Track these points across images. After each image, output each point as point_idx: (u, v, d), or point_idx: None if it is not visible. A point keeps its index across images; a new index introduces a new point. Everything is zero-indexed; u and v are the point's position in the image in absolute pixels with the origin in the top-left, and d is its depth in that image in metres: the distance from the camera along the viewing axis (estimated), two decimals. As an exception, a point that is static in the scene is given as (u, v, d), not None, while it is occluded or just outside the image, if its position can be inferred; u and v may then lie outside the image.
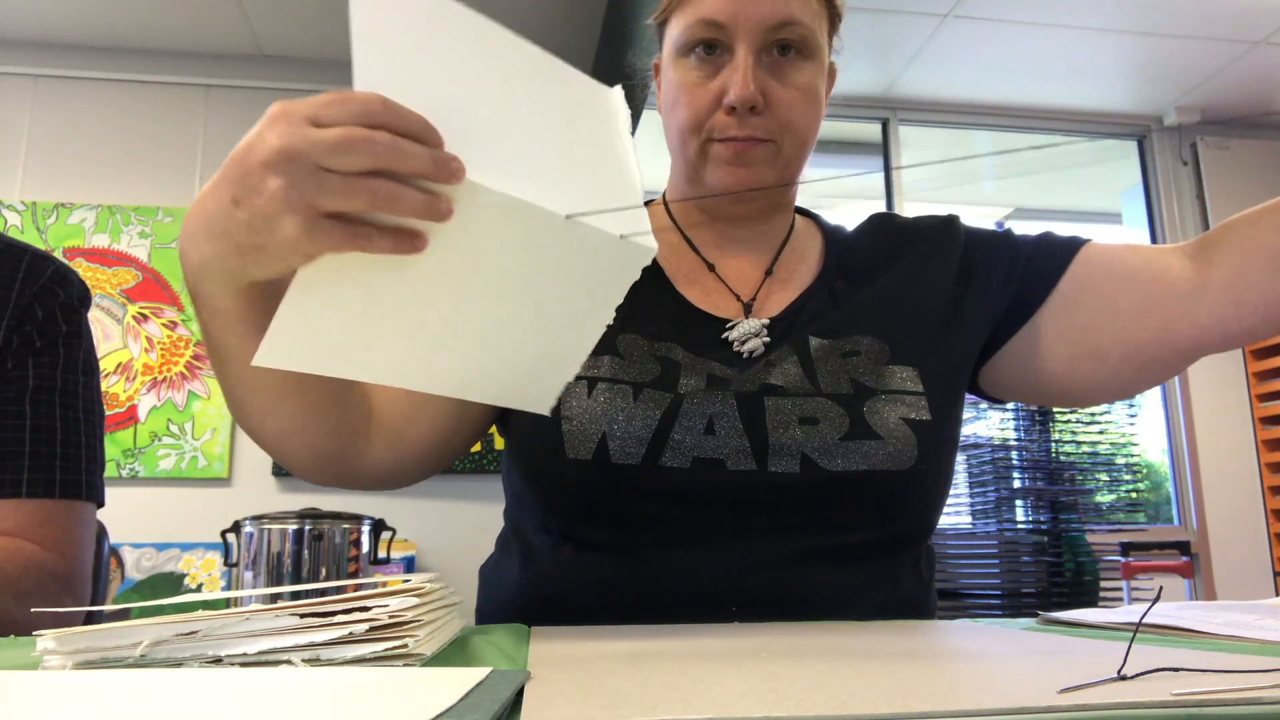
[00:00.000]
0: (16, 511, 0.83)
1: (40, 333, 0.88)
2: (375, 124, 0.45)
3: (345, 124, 0.45)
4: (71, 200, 2.98)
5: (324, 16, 2.96)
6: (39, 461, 0.84)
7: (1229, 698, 0.33)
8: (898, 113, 3.50)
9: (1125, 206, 3.76)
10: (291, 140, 0.45)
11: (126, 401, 2.85)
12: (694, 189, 0.85)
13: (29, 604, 0.79)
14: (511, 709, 0.34)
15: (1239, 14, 2.90)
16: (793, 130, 0.79)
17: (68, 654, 0.45)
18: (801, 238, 0.91)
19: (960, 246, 0.88)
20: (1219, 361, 3.45)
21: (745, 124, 0.77)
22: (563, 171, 0.54)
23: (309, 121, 0.46)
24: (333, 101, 0.46)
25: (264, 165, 0.46)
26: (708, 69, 0.79)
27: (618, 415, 0.74)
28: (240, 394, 0.65)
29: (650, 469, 0.72)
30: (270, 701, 0.35)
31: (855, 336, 0.81)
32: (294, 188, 0.46)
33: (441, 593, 0.54)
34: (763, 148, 0.78)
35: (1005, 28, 3.00)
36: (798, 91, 0.79)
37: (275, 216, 0.46)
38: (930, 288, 0.85)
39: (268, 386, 0.65)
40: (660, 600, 0.72)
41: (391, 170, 0.45)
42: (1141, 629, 0.59)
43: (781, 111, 0.78)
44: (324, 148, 0.45)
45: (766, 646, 0.51)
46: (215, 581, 2.76)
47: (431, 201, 0.46)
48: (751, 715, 0.31)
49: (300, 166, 0.45)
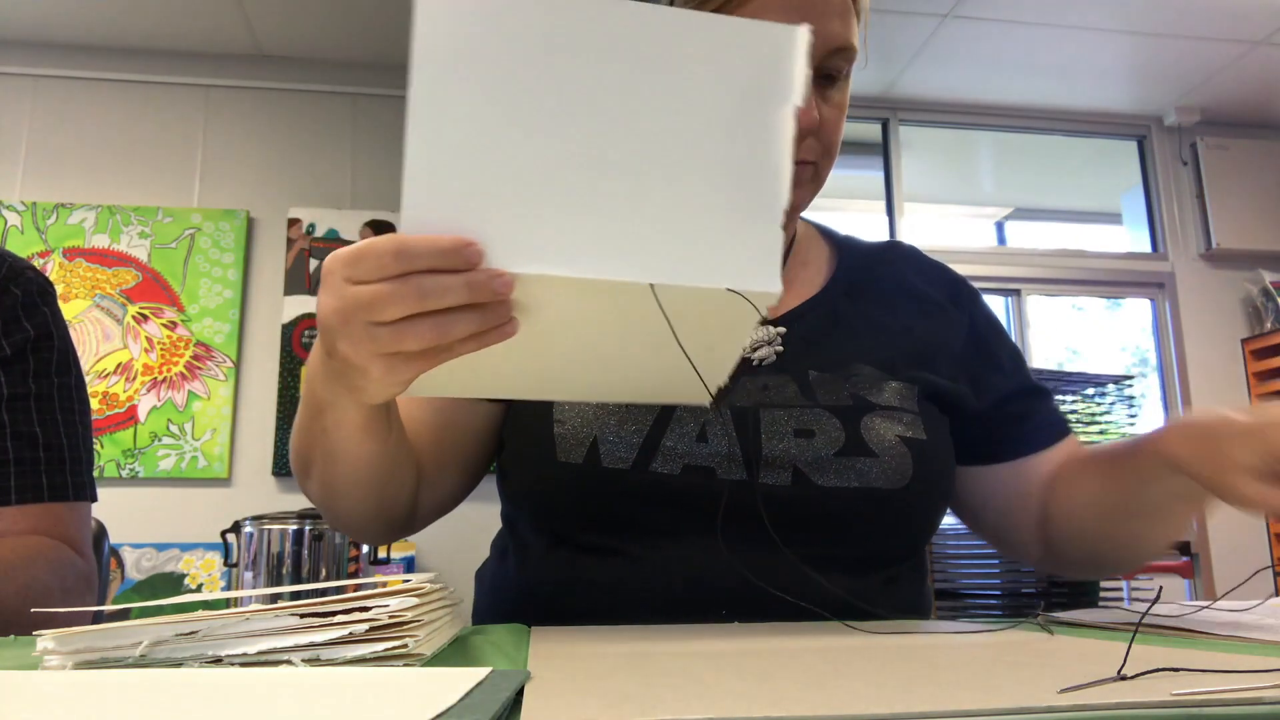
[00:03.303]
0: (25, 516, 0.83)
1: (6, 337, 0.86)
2: (399, 273, 0.47)
3: (372, 280, 0.47)
4: (71, 200, 2.98)
5: (324, 16, 2.96)
6: (24, 468, 0.84)
7: (1229, 698, 0.33)
8: (898, 113, 3.50)
9: (1125, 206, 3.76)
10: (337, 304, 0.49)
11: (126, 401, 2.85)
12: None
13: (70, 601, 0.80)
14: (511, 709, 0.34)
15: (1239, 14, 2.90)
16: (831, 152, 0.79)
17: (68, 654, 0.45)
18: (805, 244, 0.90)
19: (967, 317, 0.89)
20: (1219, 361, 3.46)
21: (799, 148, 0.77)
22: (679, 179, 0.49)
23: (347, 281, 0.48)
24: (357, 258, 0.48)
25: (326, 328, 0.51)
26: None
27: (610, 420, 0.74)
28: (336, 484, 0.70)
29: (640, 474, 0.72)
30: (270, 701, 0.35)
31: (856, 365, 0.80)
32: (356, 344, 0.49)
33: (441, 593, 0.54)
34: (805, 170, 0.77)
35: (1005, 28, 3.00)
36: (838, 112, 0.78)
37: (358, 367, 0.51)
38: (940, 332, 0.86)
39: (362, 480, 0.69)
40: (652, 602, 0.72)
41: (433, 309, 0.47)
42: (1141, 629, 0.59)
43: (827, 134, 0.77)
44: (362, 308, 0.48)
45: (766, 647, 0.51)
46: (215, 582, 2.76)
47: (486, 321, 0.48)
48: (751, 715, 0.31)
49: (352, 325, 0.49)
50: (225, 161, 3.11)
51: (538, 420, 0.76)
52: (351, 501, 0.72)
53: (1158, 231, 3.61)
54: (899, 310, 0.86)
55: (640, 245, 0.48)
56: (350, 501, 0.72)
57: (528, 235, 0.47)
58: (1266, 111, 3.53)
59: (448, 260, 0.46)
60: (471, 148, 0.46)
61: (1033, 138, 3.64)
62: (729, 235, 0.49)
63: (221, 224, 3.02)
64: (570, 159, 0.47)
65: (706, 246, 0.48)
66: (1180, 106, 3.49)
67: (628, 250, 0.47)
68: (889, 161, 3.50)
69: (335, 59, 3.20)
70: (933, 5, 2.86)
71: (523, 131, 0.47)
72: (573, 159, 0.47)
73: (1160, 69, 3.26)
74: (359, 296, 0.48)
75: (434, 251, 0.46)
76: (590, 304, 0.49)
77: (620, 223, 0.48)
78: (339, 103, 3.20)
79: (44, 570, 0.80)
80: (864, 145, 3.56)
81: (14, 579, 0.76)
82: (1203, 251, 3.54)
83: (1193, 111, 3.50)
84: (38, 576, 0.79)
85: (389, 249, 0.46)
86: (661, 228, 0.48)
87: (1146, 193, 3.66)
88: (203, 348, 2.93)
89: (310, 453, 0.68)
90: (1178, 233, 3.57)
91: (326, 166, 3.15)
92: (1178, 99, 3.46)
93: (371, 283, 0.47)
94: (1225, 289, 3.54)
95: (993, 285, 3.50)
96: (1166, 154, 3.61)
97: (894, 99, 3.46)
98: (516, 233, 0.47)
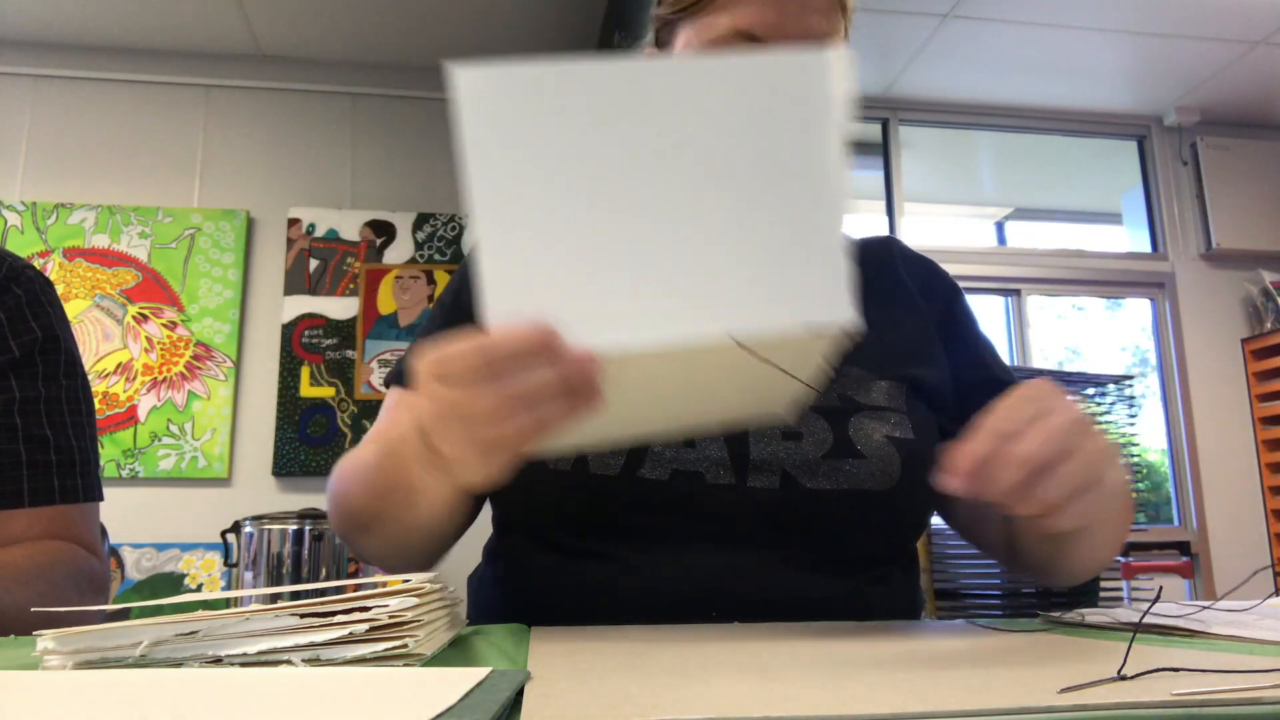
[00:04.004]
0: (40, 518, 0.83)
1: (14, 338, 0.86)
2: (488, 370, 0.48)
3: (464, 380, 0.49)
4: (71, 200, 2.98)
5: (324, 16, 2.96)
6: (36, 471, 0.84)
7: (1229, 698, 0.33)
8: (898, 113, 3.50)
9: (1125, 206, 3.76)
10: (433, 407, 0.51)
11: (126, 401, 2.85)
12: None
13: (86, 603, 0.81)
14: (511, 709, 0.34)
15: (1239, 14, 2.90)
16: None
17: (68, 654, 0.45)
18: None
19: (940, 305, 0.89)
20: (1219, 361, 3.46)
21: None
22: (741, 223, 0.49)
23: (439, 383, 0.50)
24: (446, 361, 0.50)
25: (425, 430, 0.53)
26: None
27: None
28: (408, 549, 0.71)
29: (629, 480, 0.72)
30: (270, 701, 0.35)
31: (844, 366, 0.79)
32: (454, 442, 0.51)
33: (441, 593, 0.54)
34: None
35: (1005, 28, 3.00)
36: None
37: (455, 459, 0.52)
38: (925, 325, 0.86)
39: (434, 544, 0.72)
40: (643, 607, 0.71)
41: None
42: (1141, 629, 0.59)
43: None
44: (458, 408, 0.50)
45: (766, 646, 0.51)
46: (215, 581, 2.76)
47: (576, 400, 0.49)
48: (751, 715, 0.31)
49: (450, 425, 0.51)
50: (225, 161, 3.11)
51: None
52: (416, 556, 0.74)
53: (1158, 231, 3.61)
54: (887, 307, 0.85)
55: (713, 298, 0.48)
56: (415, 557, 0.74)
57: (604, 309, 0.48)
58: (1266, 111, 3.53)
59: (531, 349, 0.48)
60: (536, 232, 0.48)
61: (1033, 138, 3.64)
62: (797, 270, 0.49)
63: (221, 224, 3.02)
64: (632, 225, 0.48)
65: (778, 285, 0.49)
66: (1180, 106, 3.49)
67: (702, 306, 0.48)
68: (889, 161, 3.49)
69: (335, 59, 3.20)
70: (933, 5, 2.86)
71: (581, 206, 0.48)
72: (634, 225, 0.48)
73: (1160, 69, 3.26)
74: (454, 400, 0.50)
75: (516, 344, 0.48)
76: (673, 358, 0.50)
77: (690, 279, 0.48)
78: (339, 103, 3.20)
79: (62, 575, 0.81)
80: (864, 145, 3.56)
81: (34, 585, 0.77)
82: (1203, 251, 3.54)
83: (1193, 111, 3.50)
84: (56, 582, 0.79)
85: (474, 348, 0.48)
86: (731, 275, 0.49)
87: (1146, 193, 3.65)
88: (203, 348, 2.93)
89: (377, 519, 0.68)
90: (1178, 233, 3.57)
91: (326, 166, 3.15)
92: (1178, 99, 3.46)
93: (463, 383, 0.49)
94: (1225, 289, 3.54)
95: (993, 285, 3.50)
96: (1166, 154, 3.61)
97: (894, 99, 3.46)
98: (593, 308, 0.48)
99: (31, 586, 0.76)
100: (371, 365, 2.98)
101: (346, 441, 2.91)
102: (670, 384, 0.55)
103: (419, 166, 3.19)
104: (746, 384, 0.56)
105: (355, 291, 3.03)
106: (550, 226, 0.48)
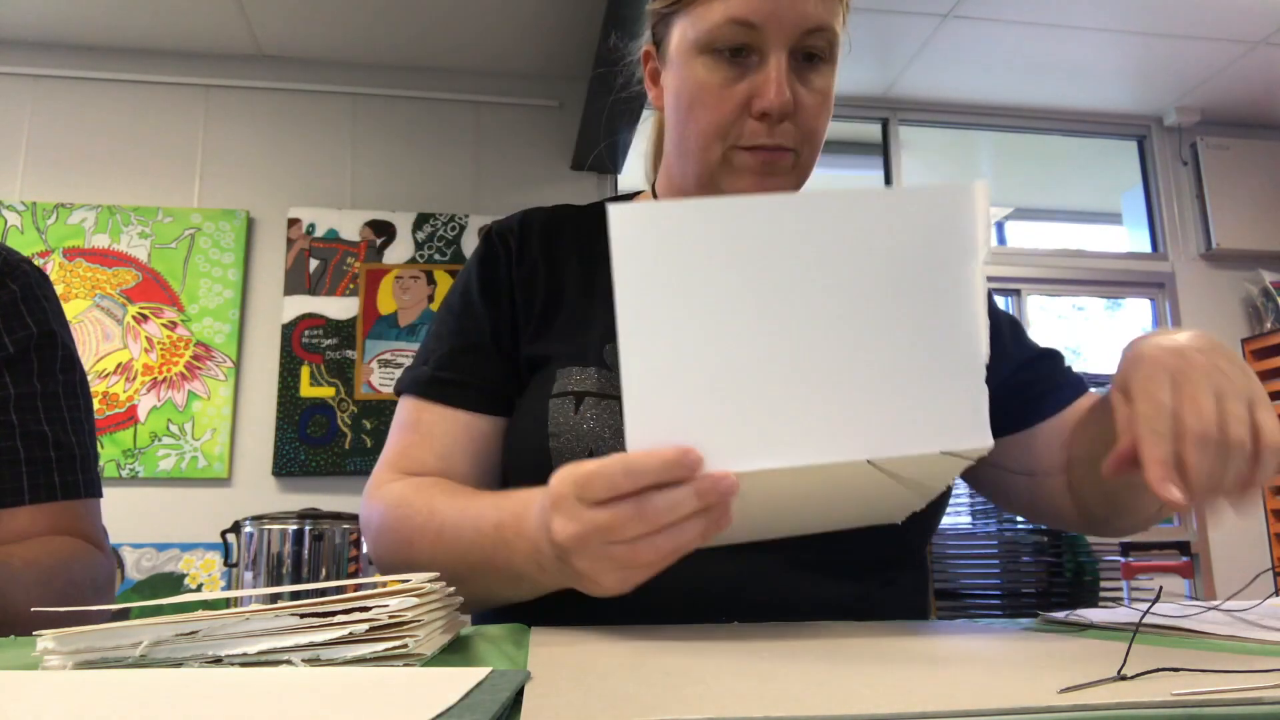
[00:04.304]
0: (43, 514, 0.83)
1: (8, 334, 0.85)
2: (630, 491, 0.49)
3: (606, 500, 0.50)
4: (71, 200, 2.98)
5: (324, 16, 2.96)
6: (36, 468, 0.84)
7: (1229, 698, 0.33)
8: (898, 113, 3.50)
9: (1125, 206, 3.76)
10: (576, 528, 0.52)
11: (126, 401, 2.85)
12: (703, 194, 0.81)
13: (101, 599, 0.82)
14: (511, 709, 0.34)
15: (1239, 14, 2.90)
16: (813, 140, 0.78)
17: (68, 654, 0.45)
18: None
19: None
20: (1219, 361, 3.45)
21: (774, 132, 0.75)
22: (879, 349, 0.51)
23: (581, 503, 0.52)
24: (588, 480, 0.51)
25: (565, 549, 0.54)
26: (734, 70, 0.75)
27: (604, 433, 0.73)
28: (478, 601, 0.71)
29: None
30: (270, 701, 0.35)
31: None
32: (594, 561, 0.53)
33: (441, 593, 0.54)
34: (786, 158, 0.76)
35: (1005, 28, 3.00)
36: (820, 97, 0.77)
37: (589, 576, 0.54)
38: None
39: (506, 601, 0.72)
40: (648, 607, 0.71)
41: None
42: (1141, 629, 0.59)
43: (806, 120, 0.76)
44: (600, 531, 0.51)
45: (766, 647, 0.51)
46: (215, 581, 2.76)
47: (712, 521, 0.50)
48: (751, 715, 0.31)
49: (591, 546, 0.52)
50: (225, 161, 3.11)
51: (534, 435, 0.76)
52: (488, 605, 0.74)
53: (1158, 231, 3.61)
54: None
55: (849, 422, 0.50)
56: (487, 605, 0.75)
57: (743, 432, 0.50)
58: (1266, 111, 3.53)
59: (672, 472, 0.49)
60: (680, 359, 0.50)
61: (1033, 138, 3.64)
62: (934, 395, 0.51)
63: (221, 224, 3.02)
64: (771, 352, 0.50)
65: (913, 410, 0.51)
66: (1180, 106, 3.49)
67: (838, 430, 0.50)
68: (889, 161, 3.49)
69: (335, 59, 3.20)
70: (933, 5, 2.86)
71: (723, 335, 0.50)
72: (773, 352, 0.50)
73: (1160, 69, 3.26)
74: (596, 520, 0.51)
75: (659, 466, 0.49)
76: (804, 479, 0.52)
77: (827, 404, 0.50)
78: (339, 103, 3.20)
79: (80, 571, 0.81)
80: (864, 145, 3.56)
81: (53, 583, 0.76)
82: (1203, 251, 3.54)
83: (1193, 111, 3.50)
84: (74, 579, 0.79)
85: (618, 469, 0.50)
86: (868, 400, 0.50)
87: (1146, 193, 3.65)
88: (203, 348, 2.93)
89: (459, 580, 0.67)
90: (1178, 233, 3.57)
91: (326, 166, 3.15)
92: (1178, 99, 3.46)
93: (606, 504, 0.50)
94: (1225, 289, 3.54)
95: (993, 285, 3.49)
96: (1166, 154, 3.61)
97: (894, 99, 3.46)
98: (732, 432, 0.50)
99: (52, 586, 0.76)
100: (371, 365, 2.98)
101: (346, 441, 2.91)
102: (797, 498, 0.56)
103: (419, 166, 3.19)
104: (871, 496, 0.58)
105: (355, 291, 3.03)
106: (693, 353, 0.50)
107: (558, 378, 0.77)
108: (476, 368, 0.82)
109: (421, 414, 0.81)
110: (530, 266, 0.85)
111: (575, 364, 0.78)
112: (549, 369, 0.79)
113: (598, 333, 0.79)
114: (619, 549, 0.51)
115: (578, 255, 0.85)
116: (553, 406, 0.76)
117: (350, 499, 2.79)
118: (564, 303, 0.83)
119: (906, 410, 0.51)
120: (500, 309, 0.83)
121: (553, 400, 0.76)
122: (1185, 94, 3.42)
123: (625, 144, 3.02)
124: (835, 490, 0.57)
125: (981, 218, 0.52)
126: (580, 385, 0.76)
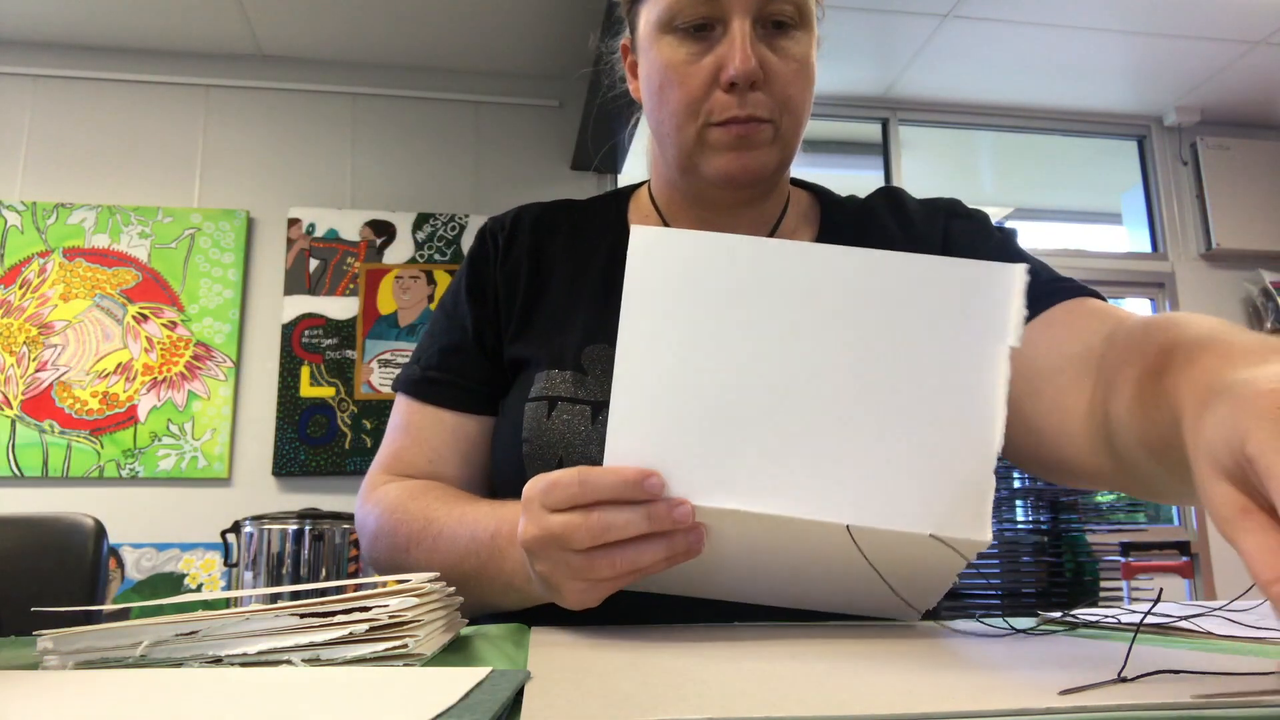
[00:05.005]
0: None
1: None
2: (586, 502, 0.50)
3: (563, 508, 0.51)
4: (71, 200, 2.98)
5: (324, 16, 2.96)
6: None
7: (1229, 699, 0.33)
8: (897, 113, 3.50)
9: (1125, 206, 3.76)
10: (535, 531, 0.53)
11: (126, 401, 2.85)
12: (686, 178, 0.80)
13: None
14: (511, 709, 0.34)
15: (1239, 14, 2.90)
16: (791, 108, 0.75)
17: (68, 654, 0.45)
18: (795, 213, 0.87)
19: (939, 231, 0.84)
20: (1219, 361, 3.45)
21: (745, 102, 0.73)
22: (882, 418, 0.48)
23: (543, 508, 0.52)
24: (550, 487, 0.52)
25: (528, 551, 0.55)
26: (699, 45, 0.74)
27: (575, 439, 0.74)
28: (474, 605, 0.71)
29: None
30: (270, 701, 0.35)
31: None
32: (553, 567, 0.53)
33: (441, 592, 0.54)
34: (763, 129, 0.74)
35: (1005, 28, 3.00)
36: (795, 64, 0.74)
37: (555, 584, 0.54)
38: None
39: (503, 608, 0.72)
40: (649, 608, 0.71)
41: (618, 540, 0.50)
42: (1142, 629, 0.59)
43: (780, 88, 0.74)
44: (555, 537, 0.51)
45: (766, 647, 0.51)
46: (215, 581, 2.76)
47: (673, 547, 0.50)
48: (751, 715, 0.31)
49: (549, 551, 0.53)
50: (225, 161, 3.11)
51: (511, 440, 0.77)
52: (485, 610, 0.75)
53: (1158, 231, 3.61)
54: None
55: (835, 482, 0.48)
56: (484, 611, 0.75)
57: (720, 468, 0.49)
58: (1266, 111, 3.53)
59: (629, 491, 0.49)
60: (672, 384, 0.50)
61: (1033, 138, 3.64)
62: (933, 476, 0.48)
63: (221, 224, 3.02)
64: (766, 396, 0.49)
65: (908, 486, 0.48)
66: (1180, 106, 3.49)
67: (820, 488, 0.48)
68: (889, 161, 3.49)
69: (335, 59, 3.20)
70: (933, 5, 2.86)
71: (720, 369, 0.50)
72: (769, 396, 0.49)
73: (1160, 69, 3.26)
74: (551, 525, 0.51)
75: (615, 483, 0.49)
76: (782, 532, 0.50)
77: (816, 459, 0.49)
78: (339, 103, 3.20)
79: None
80: (864, 145, 3.56)
81: None
82: (1203, 251, 3.54)
83: (1193, 111, 3.50)
84: None
85: (575, 480, 0.50)
86: (858, 464, 0.48)
87: (1146, 193, 3.65)
88: (203, 348, 2.93)
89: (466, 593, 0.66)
90: (1178, 233, 3.57)
91: (326, 166, 3.15)
92: (1178, 99, 3.46)
93: (563, 511, 0.51)
94: (1225, 289, 3.54)
95: (993, 285, 3.50)
96: (1166, 154, 3.61)
97: (894, 99, 3.46)
98: (709, 466, 0.49)
99: None
100: (371, 365, 2.98)
101: (346, 441, 2.91)
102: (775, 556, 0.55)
103: (419, 166, 3.19)
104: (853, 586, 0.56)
105: (355, 291, 3.03)
106: (687, 382, 0.49)
107: (535, 381, 0.78)
108: (463, 368, 0.83)
109: (412, 415, 0.82)
110: (514, 265, 0.84)
111: (554, 367, 0.78)
112: (528, 372, 0.80)
113: (577, 335, 0.79)
114: (574, 558, 0.52)
115: (567, 253, 0.85)
116: (528, 411, 0.76)
117: (350, 499, 2.78)
118: (546, 302, 0.83)
119: (900, 485, 0.48)
120: (485, 308, 0.84)
121: (528, 405, 0.77)
122: (1185, 94, 3.42)
123: (625, 143, 3.02)
124: (814, 562, 0.54)
125: (1016, 302, 0.49)
126: (555, 390, 0.76)
